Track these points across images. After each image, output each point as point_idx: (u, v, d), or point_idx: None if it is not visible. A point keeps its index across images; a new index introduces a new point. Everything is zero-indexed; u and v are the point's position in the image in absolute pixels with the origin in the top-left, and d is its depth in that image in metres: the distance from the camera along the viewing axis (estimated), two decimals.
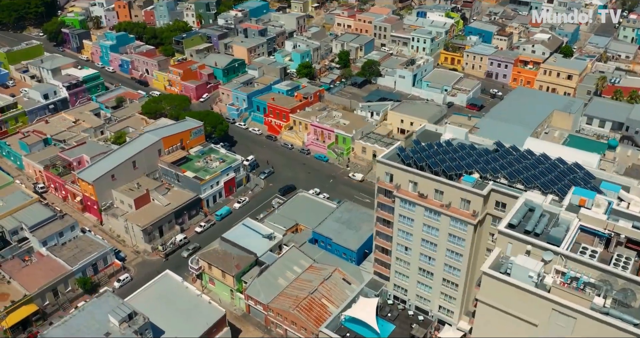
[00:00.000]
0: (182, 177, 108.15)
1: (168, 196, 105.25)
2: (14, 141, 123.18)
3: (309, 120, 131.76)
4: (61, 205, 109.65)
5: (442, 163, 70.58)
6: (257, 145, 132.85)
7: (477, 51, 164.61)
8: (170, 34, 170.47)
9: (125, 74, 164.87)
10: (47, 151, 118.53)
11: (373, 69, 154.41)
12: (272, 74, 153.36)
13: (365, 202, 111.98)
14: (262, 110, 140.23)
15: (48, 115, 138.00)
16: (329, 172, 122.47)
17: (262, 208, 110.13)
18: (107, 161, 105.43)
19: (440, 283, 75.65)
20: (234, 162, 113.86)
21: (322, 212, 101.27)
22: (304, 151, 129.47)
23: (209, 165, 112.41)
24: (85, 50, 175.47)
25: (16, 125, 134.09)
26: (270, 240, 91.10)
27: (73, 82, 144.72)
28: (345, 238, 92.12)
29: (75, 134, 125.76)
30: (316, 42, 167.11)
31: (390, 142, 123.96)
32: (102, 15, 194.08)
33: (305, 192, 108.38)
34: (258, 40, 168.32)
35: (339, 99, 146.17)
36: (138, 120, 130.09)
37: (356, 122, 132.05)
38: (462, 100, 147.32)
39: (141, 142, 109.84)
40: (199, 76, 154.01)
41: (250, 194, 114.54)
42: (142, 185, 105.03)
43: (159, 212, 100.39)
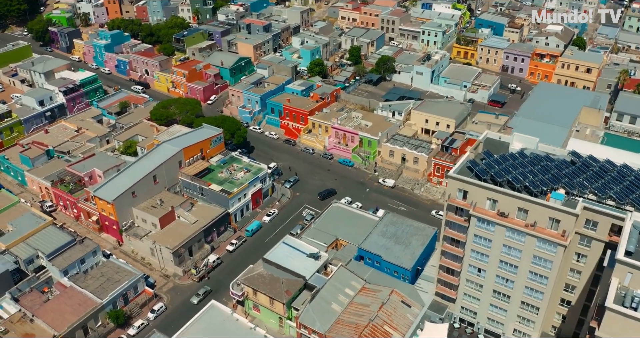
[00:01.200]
0: (207, 191, 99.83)
1: (194, 212, 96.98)
2: (13, 154, 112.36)
3: (329, 123, 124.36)
4: (73, 225, 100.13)
5: (524, 178, 64.60)
6: (275, 151, 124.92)
7: (491, 44, 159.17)
8: (169, 31, 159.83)
9: (122, 76, 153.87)
10: (52, 165, 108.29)
11: (388, 66, 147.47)
12: (283, 72, 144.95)
13: (401, 210, 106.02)
14: (277, 113, 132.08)
15: (46, 124, 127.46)
16: (356, 178, 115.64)
17: (293, 220, 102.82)
18: (125, 176, 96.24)
19: (517, 307, 70.13)
20: (260, 171, 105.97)
21: (362, 225, 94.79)
22: (326, 156, 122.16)
23: (233, 176, 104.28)
24: (77, 50, 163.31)
25: (11, 136, 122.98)
26: (316, 260, 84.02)
27: (70, 86, 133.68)
28: (396, 255, 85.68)
29: (80, 145, 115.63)
30: (325, 37, 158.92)
31: (420, 144, 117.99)
32: (90, 11, 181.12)
33: (340, 203, 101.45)
34: (263, 37, 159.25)
35: (357, 98, 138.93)
36: (147, 127, 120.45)
37: (379, 123, 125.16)
38: (483, 97, 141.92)
39: (160, 154, 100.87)
40: (205, 77, 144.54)
41: (278, 205, 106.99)
42: (164, 201, 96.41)
43: (188, 231, 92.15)
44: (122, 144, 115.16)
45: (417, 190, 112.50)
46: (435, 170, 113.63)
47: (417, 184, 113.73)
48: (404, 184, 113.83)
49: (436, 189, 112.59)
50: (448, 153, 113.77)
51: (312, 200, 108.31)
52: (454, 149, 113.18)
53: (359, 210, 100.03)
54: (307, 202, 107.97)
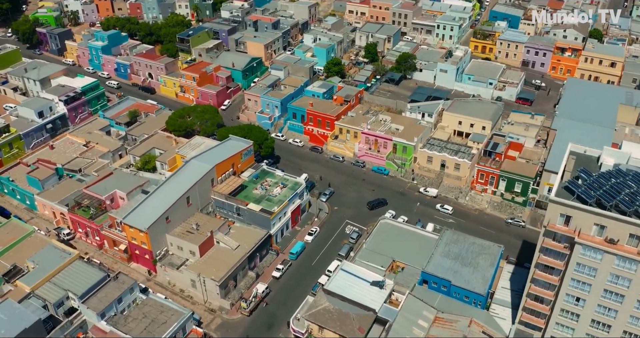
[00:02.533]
0: (244, 211, 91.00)
1: (233, 235, 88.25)
2: (18, 175, 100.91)
3: (359, 128, 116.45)
4: (97, 255, 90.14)
5: (634, 200, 58.35)
6: (302, 160, 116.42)
7: (511, 38, 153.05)
8: (170, 30, 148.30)
9: (123, 80, 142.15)
10: (64, 186, 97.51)
11: (409, 63, 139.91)
12: (299, 73, 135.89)
13: (449, 222, 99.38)
14: (299, 118, 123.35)
15: (47, 138, 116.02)
16: (395, 188, 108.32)
17: (337, 239, 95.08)
18: (156, 199, 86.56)
19: (619, 336, 64.34)
20: (297, 186, 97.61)
21: (417, 243, 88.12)
22: (358, 164, 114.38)
23: (269, 193, 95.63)
24: (69, 53, 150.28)
25: (11, 153, 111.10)
26: (381, 288, 76.71)
27: (70, 94, 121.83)
28: (466, 278, 79.10)
29: (91, 161, 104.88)
30: (338, 34, 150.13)
31: (458, 149, 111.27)
32: (79, 9, 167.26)
33: (389, 218, 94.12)
34: (272, 34, 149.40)
35: (381, 99, 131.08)
36: (164, 139, 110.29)
37: (410, 126, 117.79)
38: (511, 95, 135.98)
39: (191, 172, 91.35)
40: (216, 80, 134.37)
41: (317, 222, 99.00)
42: (200, 225, 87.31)
43: (231, 258, 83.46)
44: (139, 159, 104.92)
45: (462, 199, 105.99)
46: (478, 176, 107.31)
47: (461, 193, 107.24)
48: (446, 193, 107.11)
49: (481, 197, 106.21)
50: (491, 158, 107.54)
51: (353, 214, 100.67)
52: (498, 153, 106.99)
53: (410, 226, 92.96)
54: (347, 216, 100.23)
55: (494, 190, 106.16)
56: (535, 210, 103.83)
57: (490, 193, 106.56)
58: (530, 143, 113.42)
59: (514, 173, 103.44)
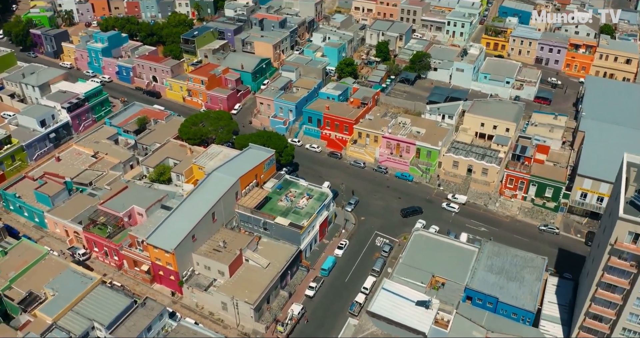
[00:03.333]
0: (272, 225, 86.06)
1: (261, 252, 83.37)
2: (24, 190, 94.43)
3: (379, 132, 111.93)
4: (116, 276, 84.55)
5: None
6: (321, 166, 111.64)
7: (524, 35, 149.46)
8: (173, 31, 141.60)
9: (126, 84, 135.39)
10: (76, 202, 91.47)
11: (424, 62, 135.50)
12: (312, 75, 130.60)
13: (482, 231, 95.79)
14: (315, 122, 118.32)
15: (51, 149, 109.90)
16: (421, 195, 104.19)
17: (368, 252, 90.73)
18: (180, 216, 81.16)
19: None
20: (324, 196, 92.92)
21: (455, 256, 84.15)
22: (380, 170, 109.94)
23: (295, 205, 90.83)
24: (66, 55, 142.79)
25: (14, 166, 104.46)
26: (427, 308, 72.68)
27: (73, 101, 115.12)
28: (513, 294, 75.54)
29: (101, 173, 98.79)
30: (348, 32, 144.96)
31: (485, 153, 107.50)
32: (73, 9, 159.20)
33: (423, 230, 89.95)
34: (280, 34, 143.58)
35: (399, 101, 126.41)
36: (177, 148, 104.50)
37: (431, 129, 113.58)
38: (529, 94, 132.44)
39: (215, 185, 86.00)
40: (224, 82, 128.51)
41: (345, 234, 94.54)
42: (227, 241, 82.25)
43: (263, 278, 78.64)
44: (152, 170, 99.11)
45: (491, 205, 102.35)
46: (507, 181, 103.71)
47: (490, 199, 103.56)
48: (475, 199, 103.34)
49: (511, 203, 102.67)
50: (520, 162, 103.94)
51: (381, 225, 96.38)
52: (527, 157, 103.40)
53: (445, 237, 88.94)
54: (376, 227, 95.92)
55: (523, 195, 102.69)
56: (568, 216, 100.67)
57: (520, 199, 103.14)
58: (557, 145, 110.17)
59: (545, 178, 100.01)
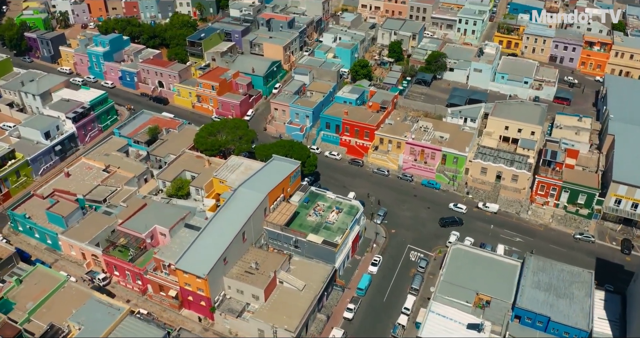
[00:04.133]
0: (303, 243, 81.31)
1: (294, 272, 78.69)
2: (34, 209, 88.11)
3: (402, 138, 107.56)
4: (140, 301, 79.16)
5: None
6: (342, 175, 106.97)
7: (538, 32, 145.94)
8: (177, 33, 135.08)
9: (130, 89, 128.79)
10: (92, 222, 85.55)
11: (440, 63, 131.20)
12: (325, 78, 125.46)
13: (517, 242, 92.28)
14: (333, 128, 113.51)
15: (57, 162, 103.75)
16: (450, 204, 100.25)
17: (403, 268, 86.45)
18: (209, 237, 75.92)
19: None
20: (354, 210, 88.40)
21: (497, 271, 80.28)
22: (406, 178, 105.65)
23: (325, 219, 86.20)
24: (65, 60, 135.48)
25: (19, 182, 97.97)
26: (479, 331, 68.88)
27: (79, 110, 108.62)
28: (564, 312, 71.89)
29: (115, 188, 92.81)
30: (360, 32, 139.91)
31: (513, 158, 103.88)
32: (68, 10, 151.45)
33: (461, 243, 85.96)
34: (289, 34, 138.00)
35: (418, 104, 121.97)
36: (194, 159, 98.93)
37: (455, 133, 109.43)
38: (549, 94, 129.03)
39: (244, 203, 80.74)
40: (235, 87, 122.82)
41: (377, 248, 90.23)
42: (259, 262, 77.34)
43: (300, 301, 74.03)
44: (169, 184, 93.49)
45: (523, 214, 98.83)
46: (538, 188, 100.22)
47: (521, 206, 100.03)
48: (506, 207, 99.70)
49: (543, 211, 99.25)
50: (551, 168, 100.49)
51: (413, 237, 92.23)
52: (559, 163, 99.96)
53: (484, 250, 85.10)
54: (408, 241, 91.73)
55: (555, 202, 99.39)
56: (602, 223, 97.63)
57: (553, 206, 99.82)
58: (584, 149, 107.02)
59: (578, 184, 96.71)
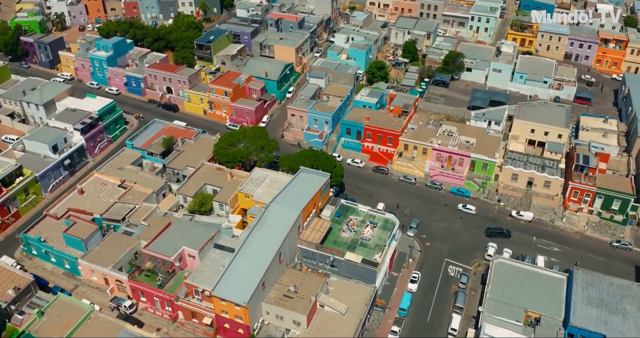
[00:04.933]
0: (341, 262, 77.05)
1: (335, 294, 74.48)
2: (49, 231, 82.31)
3: (428, 144, 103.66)
4: (171, 329, 74.31)
5: None
6: (367, 184, 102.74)
7: (552, 30, 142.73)
8: (183, 35, 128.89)
9: (136, 96, 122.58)
10: (113, 243, 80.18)
11: (458, 63, 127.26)
12: (341, 81, 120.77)
13: (555, 252, 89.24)
14: (354, 134, 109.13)
15: (66, 177, 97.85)
16: (482, 213, 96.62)
17: (443, 284, 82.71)
18: (245, 260, 71.23)
19: None
20: (389, 224, 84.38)
21: (542, 285, 77.22)
22: (435, 186, 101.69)
23: (360, 235, 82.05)
24: (65, 65, 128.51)
25: (29, 201, 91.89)
26: None
27: (87, 120, 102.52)
28: (620, 330, 69.27)
29: (134, 206, 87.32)
30: (374, 32, 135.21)
31: (543, 163, 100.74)
32: (64, 12, 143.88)
33: (503, 257, 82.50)
34: (300, 35, 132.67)
35: (440, 106, 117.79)
36: (214, 172, 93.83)
37: (481, 138, 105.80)
38: (569, 94, 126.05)
39: (278, 221, 76.13)
40: (248, 92, 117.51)
41: (412, 263, 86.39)
42: (297, 285, 72.98)
43: (343, 326, 69.98)
44: (191, 199, 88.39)
45: (557, 221, 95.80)
46: (571, 194, 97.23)
47: (555, 214, 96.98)
48: (539, 215, 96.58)
49: (577, 218, 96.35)
50: (584, 173, 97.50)
51: (449, 250, 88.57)
52: (592, 168, 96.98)
53: (527, 264, 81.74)
54: (445, 254, 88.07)
55: (589, 208, 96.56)
56: (637, 229, 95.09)
57: (587, 213, 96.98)
58: (613, 152, 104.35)
59: (613, 190, 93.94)
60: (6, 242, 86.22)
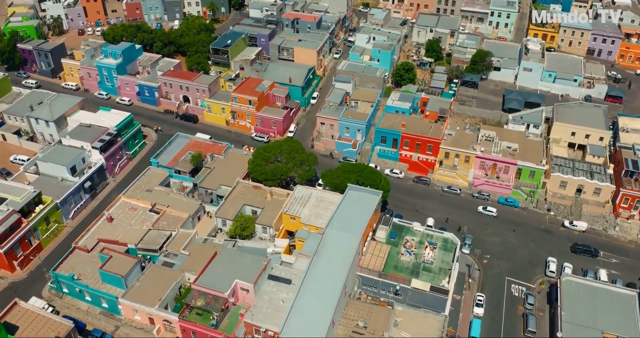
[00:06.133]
0: (407, 291, 71.59)
1: (403, 325, 69.08)
2: (80, 266, 74.46)
3: (472, 151, 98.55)
4: None
5: None
6: (409, 196, 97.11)
7: (575, 25, 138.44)
8: (195, 38, 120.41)
9: (150, 106, 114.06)
10: (154, 278, 72.99)
11: (487, 62, 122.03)
12: (369, 84, 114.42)
13: (613, 263, 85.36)
14: (389, 142, 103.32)
15: (88, 202, 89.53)
16: (533, 223, 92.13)
17: (510, 306, 77.79)
18: (309, 296, 65.11)
19: None
20: (449, 244, 79.17)
21: (616, 304, 73.41)
22: (482, 196, 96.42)
23: (421, 258, 76.58)
24: (68, 74, 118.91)
25: (51, 231, 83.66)
26: None
27: (105, 138, 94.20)
28: None
29: (169, 232, 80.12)
30: (395, 30, 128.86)
31: (590, 169, 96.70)
32: (61, 14, 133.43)
33: (572, 276, 78.04)
34: (319, 36, 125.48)
35: (474, 110, 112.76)
36: (251, 191, 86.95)
37: (523, 143, 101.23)
38: (601, 92, 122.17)
39: (338, 248, 70.16)
40: (271, 100, 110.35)
41: (473, 283, 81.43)
42: (365, 319, 67.27)
43: None
44: (231, 223, 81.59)
45: (610, 230, 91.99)
46: (622, 201, 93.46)
47: (607, 222, 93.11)
48: (591, 224, 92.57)
49: (629, 225, 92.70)
50: (633, 179, 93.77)
51: (508, 268, 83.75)
52: None
53: (595, 281, 77.59)
54: (504, 272, 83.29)
55: None
56: None
57: (639, 220, 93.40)
58: None
59: None
60: (30, 279, 78.22)
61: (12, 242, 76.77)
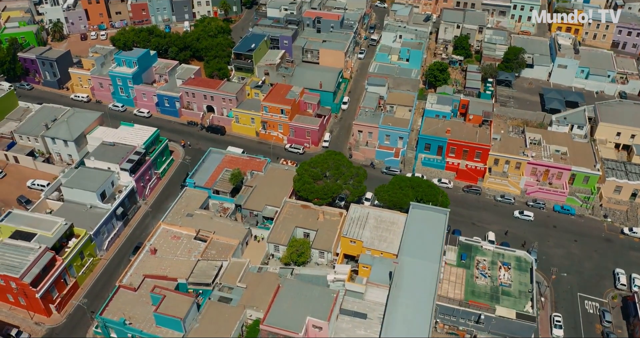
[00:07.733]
0: (490, 319, 66.58)
1: None
2: (128, 308, 67.10)
3: (522, 157, 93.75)
4: None
5: None
6: (462, 208, 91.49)
7: (599, 17, 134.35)
8: (214, 42, 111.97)
9: (171, 117, 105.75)
10: (214, 318, 66.25)
11: (521, 59, 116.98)
12: (404, 87, 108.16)
13: None
14: (434, 150, 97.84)
15: (122, 229, 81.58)
16: (593, 232, 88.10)
17: (588, 324, 73.74)
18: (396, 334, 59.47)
19: None
20: (523, 263, 74.37)
21: None
22: (538, 205, 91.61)
23: (497, 281, 71.60)
24: (77, 84, 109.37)
25: (86, 266, 75.81)
26: None
27: (134, 157, 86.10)
28: None
29: (221, 262, 73.26)
30: (422, 28, 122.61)
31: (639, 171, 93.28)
32: (60, 18, 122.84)
33: None
34: (343, 36, 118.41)
35: (515, 111, 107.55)
36: (300, 211, 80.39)
37: (571, 146, 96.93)
38: (635, 88, 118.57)
39: (417, 277, 64.59)
40: (302, 107, 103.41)
41: (545, 302, 76.92)
42: None
43: None
44: (285, 249, 75.17)
45: None
46: None
47: None
48: None
49: None
50: None
51: (578, 282, 79.49)
52: None
53: None
54: (575, 287, 79.04)
55: None
56: None
57: None
58: None
59: None
60: (71, 324, 70.59)
61: (48, 284, 68.96)
